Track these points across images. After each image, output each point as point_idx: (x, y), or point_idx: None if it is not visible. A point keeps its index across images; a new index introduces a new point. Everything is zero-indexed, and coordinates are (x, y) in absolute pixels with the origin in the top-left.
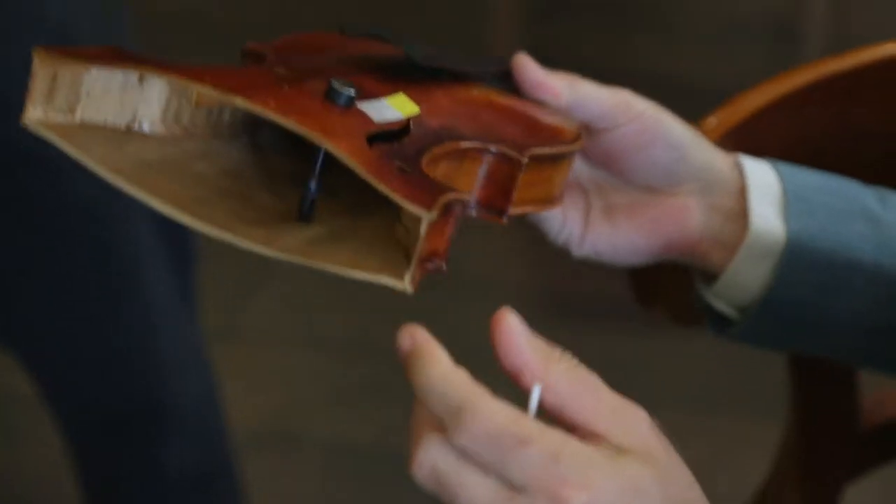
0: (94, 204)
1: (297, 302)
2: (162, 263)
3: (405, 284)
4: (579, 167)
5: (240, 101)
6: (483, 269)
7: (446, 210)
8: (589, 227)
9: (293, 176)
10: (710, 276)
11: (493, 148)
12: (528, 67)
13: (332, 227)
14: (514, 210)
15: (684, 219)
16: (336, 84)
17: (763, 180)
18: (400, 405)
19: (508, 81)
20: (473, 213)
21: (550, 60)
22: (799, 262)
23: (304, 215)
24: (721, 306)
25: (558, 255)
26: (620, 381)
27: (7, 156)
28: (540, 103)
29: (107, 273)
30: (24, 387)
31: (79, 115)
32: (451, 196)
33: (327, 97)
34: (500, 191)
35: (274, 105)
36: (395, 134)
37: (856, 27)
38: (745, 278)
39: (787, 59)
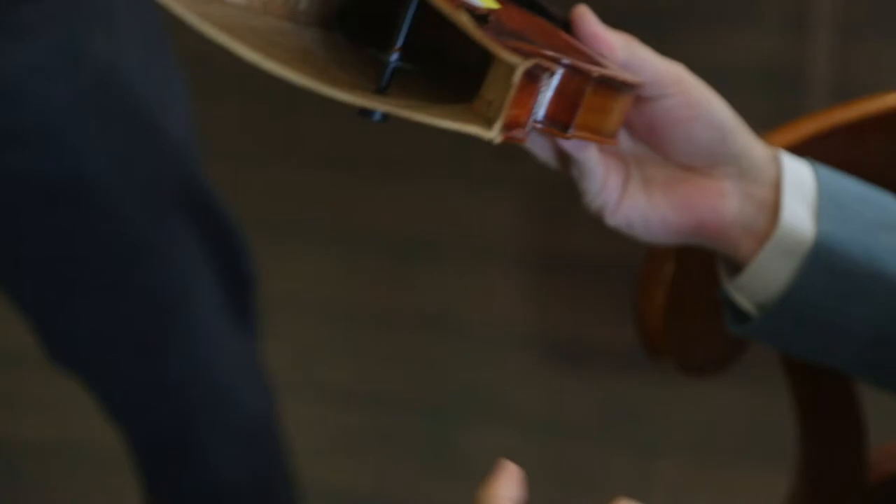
0: (136, 235)
1: (295, 348)
2: (212, 286)
3: (493, 133)
4: (622, 139)
5: None
6: (486, 316)
7: (532, 74)
8: (625, 195)
9: (365, 67)
10: (735, 269)
11: (565, 59)
12: (586, 18)
13: (410, 103)
14: (575, 131)
15: (719, 201)
16: None
17: (799, 178)
18: (399, 453)
19: (568, 31)
20: (540, 126)
21: None
22: (823, 264)
23: (382, 87)
24: (742, 301)
25: (564, 303)
26: (625, 430)
27: (51, 190)
28: (600, 55)
29: (153, 303)
30: (31, 432)
31: None
32: (541, 58)
33: None
34: (567, 105)
35: None
36: (476, 17)
37: (857, 75)
38: (768, 273)
39: (788, 106)
